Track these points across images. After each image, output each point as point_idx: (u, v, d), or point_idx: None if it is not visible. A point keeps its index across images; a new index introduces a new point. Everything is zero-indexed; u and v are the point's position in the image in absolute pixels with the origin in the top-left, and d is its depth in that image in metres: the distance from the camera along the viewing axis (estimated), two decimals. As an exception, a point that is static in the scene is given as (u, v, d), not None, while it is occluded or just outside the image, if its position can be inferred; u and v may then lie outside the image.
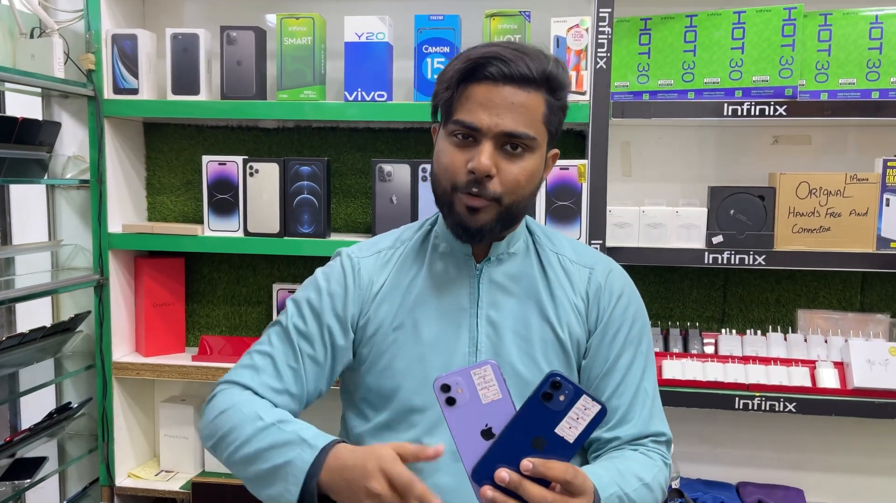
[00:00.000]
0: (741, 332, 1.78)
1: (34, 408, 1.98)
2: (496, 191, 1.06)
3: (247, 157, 1.80)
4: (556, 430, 0.87)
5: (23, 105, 1.92)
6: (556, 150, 1.16)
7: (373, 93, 1.72)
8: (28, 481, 1.75)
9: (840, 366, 1.67)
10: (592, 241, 1.63)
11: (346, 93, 1.73)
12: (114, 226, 1.86)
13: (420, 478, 1.00)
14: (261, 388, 1.13)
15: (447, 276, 1.16)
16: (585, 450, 1.19)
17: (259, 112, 1.76)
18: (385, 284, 1.18)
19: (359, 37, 1.71)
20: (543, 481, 0.87)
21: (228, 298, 2.02)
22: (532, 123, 1.05)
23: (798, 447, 1.85)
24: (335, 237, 1.82)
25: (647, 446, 1.14)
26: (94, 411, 1.91)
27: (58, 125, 1.85)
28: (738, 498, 1.77)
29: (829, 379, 1.65)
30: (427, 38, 1.70)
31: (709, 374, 1.69)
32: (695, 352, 1.75)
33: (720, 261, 1.63)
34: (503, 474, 0.87)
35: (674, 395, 1.64)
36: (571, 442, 0.87)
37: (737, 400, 1.63)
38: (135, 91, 1.80)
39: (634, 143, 1.85)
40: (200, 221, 1.94)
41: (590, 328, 1.17)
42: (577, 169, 1.66)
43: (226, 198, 1.81)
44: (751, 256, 1.63)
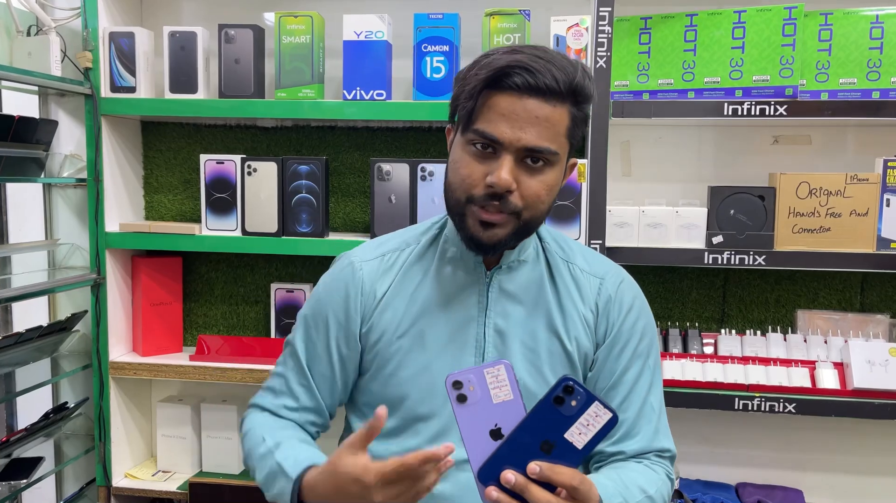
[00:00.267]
0: (741, 333, 1.78)
1: (30, 408, 1.97)
2: (517, 205, 1.02)
3: (245, 156, 1.79)
4: (566, 436, 0.86)
5: (19, 103, 1.92)
6: (575, 160, 1.12)
7: (371, 92, 1.71)
8: (24, 481, 1.74)
9: (840, 366, 1.67)
10: (592, 241, 1.62)
11: (345, 92, 1.72)
12: (111, 225, 1.85)
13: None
14: (279, 410, 1.18)
15: (455, 283, 1.13)
16: (588, 460, 1.17)
17: (257, 111, 1.76)
18: (389, 290, 1.15)
19: (357, 35, 1.71)
20: (549, 485, 0.86)
21: (226, 298, 2.01)
22: (555, 138, 1.01)
23: (798, 448, 1.84)
24: (333, 236, 1.81)
25: (651, 460, 1.13)
26: (91, 411, 1.90)
27: (55, 123, 1.84)
28: (738, 498, 1.77)
29: (829, 379, 1.65)
30: (426, 37, 1.69)
31: (708, 375, 1.68)
32: (694, 352, 1.75)
33: (720, 261, 1.63)
34: (509, 476, 0.86)
35: (673, 396, 1.64)
36: (580, 448, 0.86)
37: (736, 400, 1.63)
38: (132, 89, 1.79)
39: (634, 143, 1.85)
40: (198, 220, 1.93)
41: (598, 340, 1.15)
42: (577, 168, 1.65)
43: (224, 197, 1.80)
44: (751, 256, 1.62)
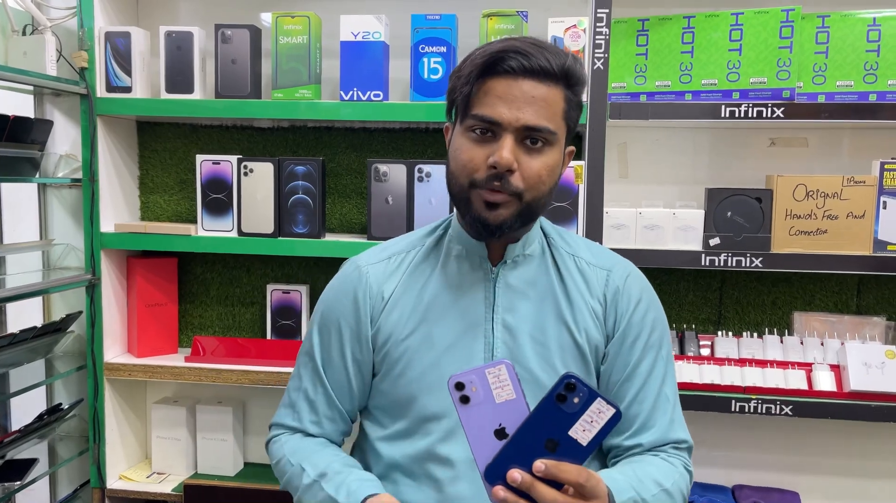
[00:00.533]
0: (737, 335, 1.78)
1: (24, 409, 1.96)
2: (518, 186, 1.03)
3: (241, 157, 1.78)
4: (570, 433, 0.86)
5: (14, 103, 1.90)
6: (573, 148, 1.14)
7: (369, 92, 1.71)
8: (18, 483, 1.73)
9: (836, 368, 1.67)
10: (589, 243, 1.62)
11: (342, 92, 1.72)
12: (106, 225, 1.84)
13: (440, 487, 1.06)
14: (303, 425, 1.19)
15: (462, 280, 1.14)
16: (605, 455, 1.17)
17: (254, 111, 1.75)
18: (395, 291, 1.16)
19: (355, 36, 1.70)
20: (556, 483, 0.86)
21: (222, 299, 2.00)
22: (552, 117, 1.03)
23: (794, 450, 1.84)
24: (330, 237, 1.81)
25: (668, 452, 1.12)
26: (86, 412, 1.89)
27: (50, 123, 1.83)
28: (734, 501, 1.77)
29: (826, 381, 1.65)
30: (423, 38, 1.69)
31: (705, 377, 1.68)
32: (691, 354, 1.74)
33: (717, 263, 1.63)
34: (515, 475, 0.86)
35: (670, 398, 1.64)
36: (585, 445, 0.86)
37: (733, 402, 1.63)
38: (128, 89, 1.78)
39: (631, 145, 1.84)
40: (194, 221, 1.93)
41: (608, 332, 1.14)
42: (574, 170, 1.65)
43: (220, 197, 1.79)
44: (748, 258, 1.62)
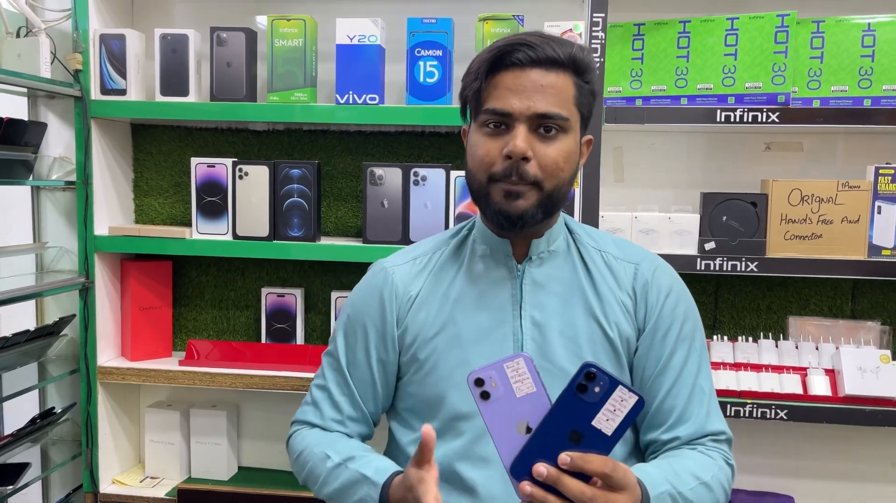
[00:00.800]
0: (732, 339, 1.78)
1: (17, 413, 1.95)
2: (535, 174, 1.04)
3: (236, 160, 1.78)
4: (594, 423, 0.85)
5: (8, 105, 1.89)
6: (591, 136, 1.15)
7: (364, 96, 1.71)
8: (10, 487, 1.72)
9: (831, 373, 1.67)
10: (585, 247, 1.62)
11: (338, 95, 1.71)
12: (100, 228, 1.83)
13: (474, 489, 1.07)
14: (325, 423, 1.20)
15: (487, 279, 1.14)
16: (643, 451, 1.16)
17: (249, 114, 1.75)
18: (421, 291, 1.16)
19: (351, 39, 1.70)
20: (584, 475, 0.85)
21: (216, 302, 2.00)
22: (563, 104, 1.04)
23: (789, 454, 1.84)
24: (325, 241, 1.80)
25: (707, 445, 1.11)
26: (78, 416, 1.88)
27: (44, 125, 1.82)
28: (729, 505, 1.77)
29: (821, 386, 1.65)
30: (420, 42, 1.69)
31: (700, 381, 1.68)
32: (686, 358, 1.74)
33: (712, 267, 1.63)
34: (541, 468, 0.85)
35: (665, 402, 1.64)
36: (609, 434, 0.85)
37: (728, 407, 1.63)
38: (122, 92, 1.78)
39: (627, 149, 1.85)
40: (189, 224, 1.92)
41: (639, 325, 1.14)
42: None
43: (214, 200, 1.79)
44: (743, 263, 1.62)
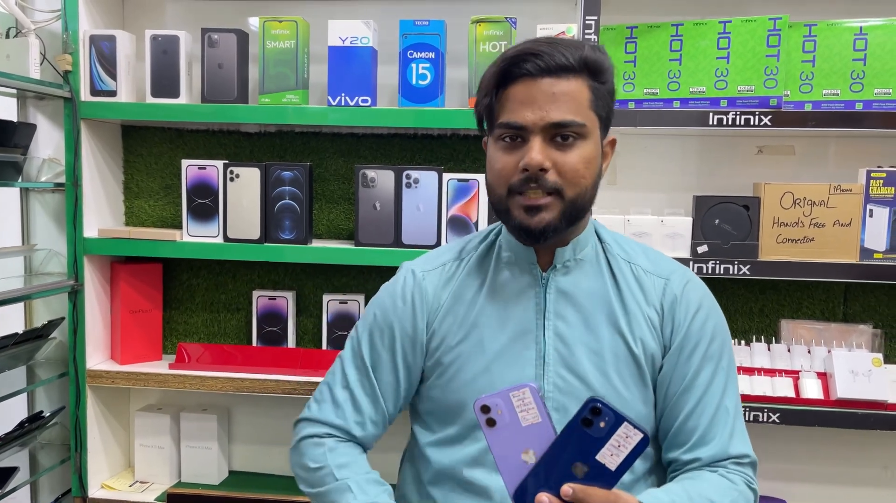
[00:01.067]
0: (725, 342, 1.78)
1: (5, 416, 1.92)
2: (555, 182, 1.02)
3: (227, 162, 1.77)
4: (598, 457, 0.85)
5: (-3, 106, 1.88)
6: (614, 138, 1.12)
7: (356, 98, 1.70)
8: (-3, 493, 1.70)
9: (823, 376, 1.67)
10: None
11: (330, 97, 1.71)
12: (90, 230, 1.82)
13: (490, 495, 1.06)
14: (348, 424, 1.16)
15: (512, 286, 1.12)
16: (664, 469, 1.15)
17: (240, 116, 1.74)
18: (449, 297, 1.15)
19: (343, 41, 1.69)
20: None
21: (207, 305, 1.98)
22: (578, 110, 1.02)
23: (782, 458, 1.84)
24: (317, 243, 1.79)
25: (728, 468, 1.08)
26: (67, 420, 1.86)
27: (33, 127, 1.81)
28: (722, 509, 1.77)
29: (813, 389, 1.65)
30: (412, 44, 1.68)
31: (693, 385, 1.68)
32: (679, 361, 1.74)
33: (705, 270, 1.62)
34: (543, 499, 0.85)
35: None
36: (613, 469, 0.85)
37: (721, 410, 1.62)
38: (113, 93, 1.76)
39: (620, 152, 1.84)
40: (179, 226, 1.91)
41: (665, 342, 1.11)
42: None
43: (205, 203, 1.78)
44: (735, 266, 1.62)
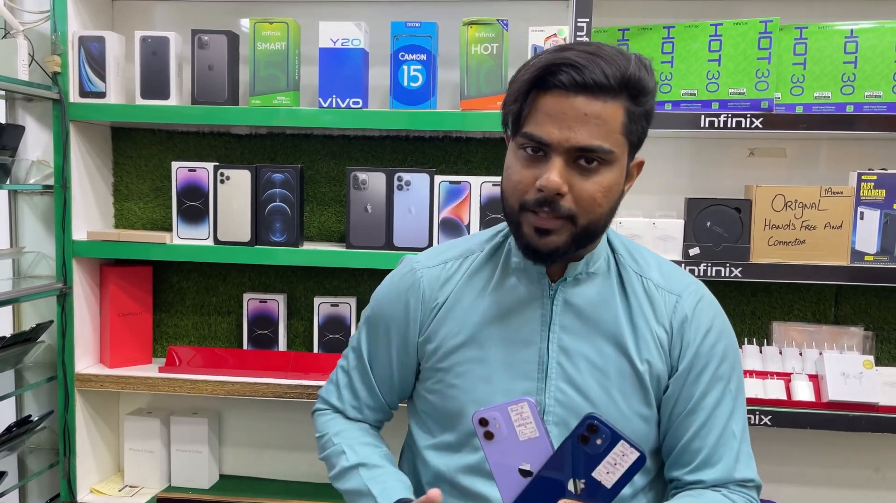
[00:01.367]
0: (717, 345, 1.78)
1: (-7, 421, 1.92)
2: (570, 208, 0.97)
3: (218, 164, 1.76)
4: (594, 474, 0.86)
5: (-15, 107, 1.87)
6: (642, 160, 1.07)
7: (348, 100, 1.69)
8: (-16, 498, 1.69)
9: (815, 378, 1.67)
10: (569, 253, 1.61)
11: (321, 99, 1.70)
12: (78, 233, 1.80)
13: (488, 500, 1.06)
14: (345, 407, 1.23)
15: (518, 295, 1.09)
16: (665, 483, 1.14)
17: (231, 118, 1.73)
18: (448, 299, 1.12)
19: (334, 43, 1.69)
20: None
21: (198, 308, 1.97)
22: (609, 135, 0.95)
23: (773, 460, 1.84)
24: (308, 246, 1.79)
25: (731, 488, 1.08)
26: (56, 424, 1.85)
27: (21, 129, 1.80)
28: (714, 511, 1.77)
29: (804, 392, 1.65)
30: (403, 46, 1.68)
31: (685, 387, 1.68)
32: (671, 364, 1.74)
33: (696, 272, 1.62)
34: None
35: (650, 408, 1.63)
36: (609, 487, 0.86)
37: (713, 413, 1.63)
38: (102, 94, 1.75)
39: (611, 154, 1.84)
40: (169, 229, 1.89)
41: (672, 363, 1.08)
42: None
43: (195, 205, 1.76)
44: (727, 268, 1.62)
